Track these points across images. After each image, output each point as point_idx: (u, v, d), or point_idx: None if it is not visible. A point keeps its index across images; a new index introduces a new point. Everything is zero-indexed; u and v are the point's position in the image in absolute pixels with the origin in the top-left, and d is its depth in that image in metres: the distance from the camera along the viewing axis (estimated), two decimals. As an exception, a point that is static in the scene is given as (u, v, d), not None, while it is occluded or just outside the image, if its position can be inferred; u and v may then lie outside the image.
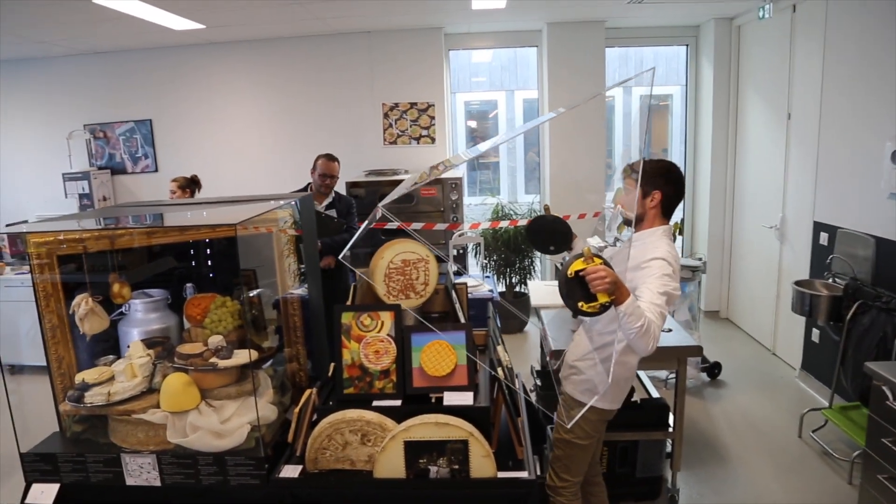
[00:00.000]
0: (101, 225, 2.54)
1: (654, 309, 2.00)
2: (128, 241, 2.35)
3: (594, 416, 2.31)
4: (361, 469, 1.98)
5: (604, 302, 1.93)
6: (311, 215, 2.71)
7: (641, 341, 1.96)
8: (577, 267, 1.94)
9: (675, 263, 2.16)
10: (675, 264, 2.16)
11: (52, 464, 2.06)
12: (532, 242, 2.71)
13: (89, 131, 6.32)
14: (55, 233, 2.22)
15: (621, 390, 2.37)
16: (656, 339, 1.97)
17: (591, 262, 1.93)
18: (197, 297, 2.41)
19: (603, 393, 2.25)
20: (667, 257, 2.13)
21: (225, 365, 2.11)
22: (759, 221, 5.24)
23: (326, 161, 4.35)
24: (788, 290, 4.14)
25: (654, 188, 2.23)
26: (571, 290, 1.97)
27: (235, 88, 6.18)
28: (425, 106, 5.98)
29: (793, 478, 3.36)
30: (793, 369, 4.69)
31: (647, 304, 2.01)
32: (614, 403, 2.37)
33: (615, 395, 2.35)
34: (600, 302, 1.93)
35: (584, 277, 1.92)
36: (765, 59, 5.17)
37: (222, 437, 2.02)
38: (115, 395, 2.07)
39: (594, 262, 1.93)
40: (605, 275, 1.89)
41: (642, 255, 2.17)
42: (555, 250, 2.66)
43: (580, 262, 1.94)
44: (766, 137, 5.14)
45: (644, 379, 3.71)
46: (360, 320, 2.17)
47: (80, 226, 2.57)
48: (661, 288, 2.05)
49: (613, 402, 2.36)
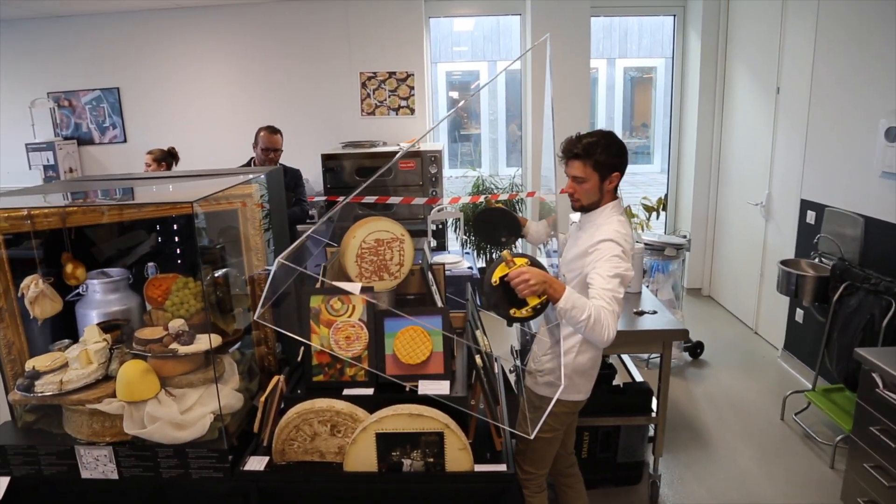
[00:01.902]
0: (48, 202, 2.36)
1: (605, 294, 1.89)
2: (80, 218, 2.18)
3: (560, 409, 2.19)
4: (331, 461, 1.89)
5: (535, 305, 1.83)
6: (279, 190, 2.56)
7: (594, 333, 1.84)
8: (500, 273, 1.84)
9: (626, 242, 2.05)
10: (626, 243, 2.04)
11: (1, 456, 1.94)
12: (482, 239, 2.61)
13: (53, 99, 6.04)
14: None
15: (588, 379, 2.26)
16: (611, 326, 1.85)
17: (512, 265, 1.82)
18: (158, 278, 2.27)
19: (565, 385, 2.14)
20: (615, 237, 2.02)
21: (186, 352, 1.98)
22: (744, 198, 5.17)
23: (268, 134, 4.13)
24: (773, 268, 4.08)
25: (612, 171, 2.12)
26: (499, 299, 1.88)
27: (207, 56, 5.93)
28: (404, 76, 5.79)
29: (775, 461, 3.32)
30: (775, 349, 4.66)
31: (598, 290, 1.90)
32: (581, 394, 2.26)
33: (582, 386, 2.24)
34: (531, 305, 1.83)
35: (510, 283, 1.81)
36: (754, 32, 5.04)
37: (183, 429, 1.90)
38: (68, 384, 1.93)
39: (516, 264, 1.82)
40: (528, 277, 1.79)
41: (590, 239, 2.07)
42: (507, 241, 2.58)
43: (503, 266, 1.84)
44: (754, 112, 5.04)
45: (627, 361, 3.64)
46: (329, 304, 2.04)
47: (31, 202, 2.39)
48: (610, 271, 1.94)
49: (580, 392, 2.25)
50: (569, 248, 2.23)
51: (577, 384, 2.21)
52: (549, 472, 2.38)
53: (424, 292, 2.40)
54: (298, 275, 2.13)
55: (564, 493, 2.55)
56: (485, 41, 15.05)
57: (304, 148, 5.44)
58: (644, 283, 3.76)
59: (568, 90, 5.65)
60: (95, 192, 2.61)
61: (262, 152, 4.13)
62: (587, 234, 2.10)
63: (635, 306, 3.10)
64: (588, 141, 2.09)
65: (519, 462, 2.28)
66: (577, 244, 2.14)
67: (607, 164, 2.09)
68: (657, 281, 4.33)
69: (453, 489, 1.80)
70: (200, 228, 2.54)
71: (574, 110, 5.71)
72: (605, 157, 2.09)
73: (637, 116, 17.46)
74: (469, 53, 15.04)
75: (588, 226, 2.15)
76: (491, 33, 14.58)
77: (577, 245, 2.13)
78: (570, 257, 2.17)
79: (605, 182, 2.12)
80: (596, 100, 16.06)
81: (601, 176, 2.10)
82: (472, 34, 14.55)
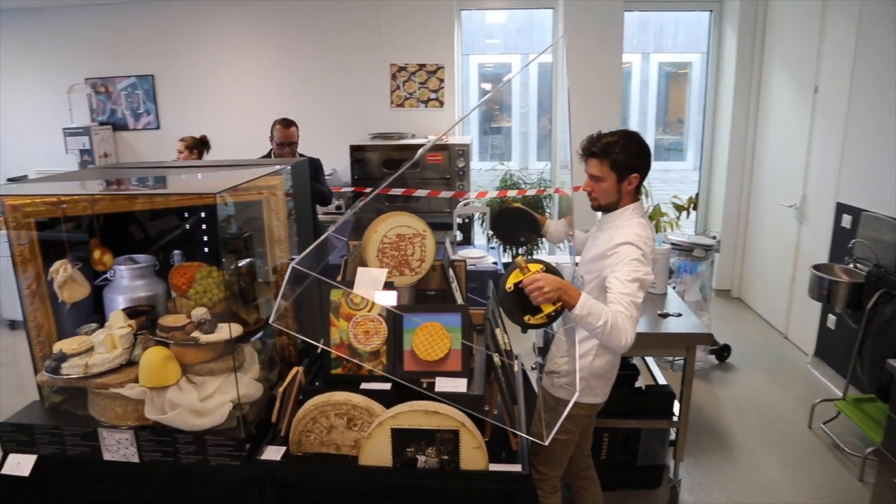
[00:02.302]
0: (82, 189, 2.40)
1: (623, 299, 1.86)
2: (108, 205, 2.22)
3: (576, 412, 2.16)
4: (347, 454, 1.90)
5: (550, 312, 1.80)
6: (304, 181, 2.57)
7: (612, 339, 1.82)
8: (514, 279, 1.82)
9: (646, 245, 2.00)
10: (646, 246, 1.99)
11: (28, 435, 1.99)
12: (502, 239, 2.58)
13: (90, 85, 6.16)
14: (31, 196, 2.10)
15: (605, 382, 2.23)
16: (629, 332, 1.82)
17: (527, 271, 1.79)
18: (182, 266, 2.29)
19: (582, 388, 2.12)
20: (634, 241, 1.97)
21: (207, 340, 2.00)
22: (777, 199, 5.04)
23: (282, 128, 4.09)
24: (805, 272, 3.98)
25: (631, 171, 2.07)
26: (513, 305, 1.85)
27: (240, 46, 5.99)
28: (434, 68, 5.77)
29: (800, 471, 3.25)
30: (805, 355, 4.55)
31: (616, 294, 1.87)
32: (598, 397, 2.23)
33: (599, 389, 2.21)
34: (546, 312, 1.80)
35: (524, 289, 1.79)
36: (793, 29, 4.91)
37: (202, 416, 1.93)
38: (93, 368, 1.97)
39: (530, 270, 1.79)
40: (542, 284, 1.76)
41: (608, 241, 2.03)
42: (525, 240, 2.56)
43: (517, 273, 1.81)
44: (790, 111, 4.91)
45: (650, 363, 3.59)
46: (350, 298, 2.05)
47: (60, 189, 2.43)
48: (629, 275, 1.90)
49: (597, 395, 2.22)
50: (588, 249, 2.19)
51: (593, 387, 2.18)
52: (564, 473, 2.36)
53: (445, 288, 2.39)
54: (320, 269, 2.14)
55: (580, 495, 2.53)
56: (518, 34, 14.94)
57: (333, 138, 5.47)
58: (671, 284, 3.70)
59: (599, 85, 5.58)
60: (127, 180, 2.65)
61: (277, 147, 4.12)
62: (606, 236, 2.07)
63: (660, 308, 3.05)
64: (608, 140, 2.05)
65: (533, 462, 2.26)
66: (596, 245, 2.11)
67: (626, 165, 2.05)
68: (684, 282, 4.26)
69: (467, 487, 1.79)
70: (230, 216, 2.57)
71: (605, 105, 5.64)
72: (624, 158, 2.04)
73: (671, 112, 17.18)
74: (501, 46, 14.94)
75: (608, 227, 2.11)
76: (524, 26, 14.46)
77: (596, 246, 2.10)
78: (589, 258, 2.14)
79: (623, 183, 2.07)
80: (629, 95, 15.84)
81: (619, 176, 2.06)
82: (504, 27, 14.44)
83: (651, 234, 2.07)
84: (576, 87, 5.57)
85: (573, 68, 5.60)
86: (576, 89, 5.59)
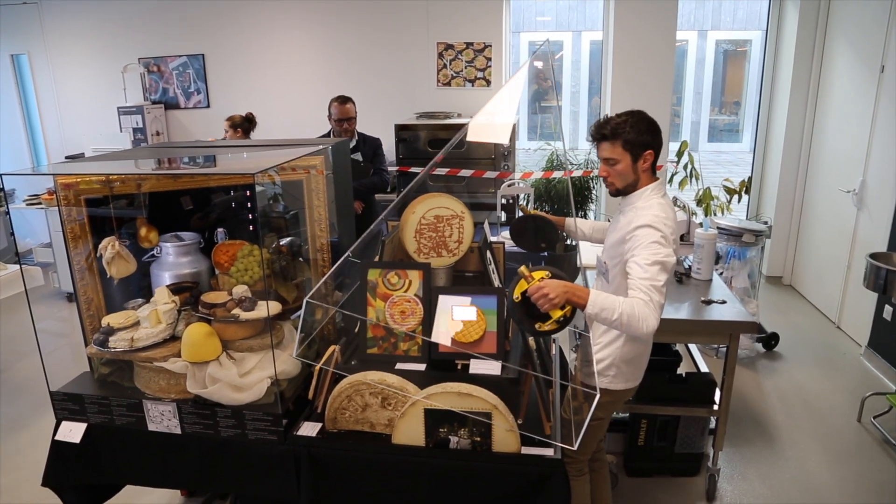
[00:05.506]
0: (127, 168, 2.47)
1: (642, 285, 1.81)
2: (155, 184, 2.28)
3: (608, 399, 2.14)
4: (381, 433, 1.92)
5: (559, 317, 1.77)
6: (345, 160, 2.58)
7: (632, 329, 1.78)
8: (520, 289, 1.79)
9: (665, 227, 1.93)
10: (666, 227, 1.93)
11: (79, 404, 2.08)
12: (523, 247, 2.52)
13: (143, 65, 6.32)
14: (82, 175, 2.17)
15: (636, 367, 2.19)
16: (648, 318, 1.77)
17: (531, 280, 1.76)
18: (225, 244, 2.35)
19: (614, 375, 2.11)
20: (653, 222, 1.91)
21: (247, 317, 2.05)
22: (835, 184, 4.84)
23: (339, 105, 4.16)
24: (861, 261, 3.82)
25: (645, 148, 2.02)
26: (523, 315, 1.82)
27: (287, 24, 6.03)
28: (481, 46, 5.70)
29: (847, 466, 3.14)
30: (858, 346, 4.39)
31: (636, 280, 1.83)
32: (630, 382, 2.19)
33: (630, 374, 2.17)
34: (555, 318, 1.77)
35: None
36: (859, 5, 4.66)
37: (241, 391, 1.97)
38: (138, 342, 2.04)
39: (534, 279, 1.76)
40: (547, 291, 1.72)
41: (628, 225, 1.98)
42: (546, 246, 2.49)
43: (522, 283, 1.79)
44: (853, 91, 4.68)
45: (693, 351, 3.51)
46: (386, 278, 2.06)
47: (107, 168, 2.51)
48: (648, 259, 1.85)
49: (629, 380, 2.19)
50: (609, 234, 2.15)
51: (623, 373, 2.15)
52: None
53: (482, 270, 2.39)
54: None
55: (590, 477, 2.51)
56: (570, 11, 14.65)
57: (379, 117, 5.48)
58: (717, 269, 3.60)
59: (651, 63, 5.42)
60: (174, 159, 2.71)
61: (335, 123, 4.19)
62: (626, 219, 2.02)
63: (704, 295, 2.98)
64: (617, 121, 2.02)
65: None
66: (617, 229, 2.06)
67: (638, 143, 2.00)
68: (732, 268, 4.14)
69: (499, 469, 1.79)
70: (278, 195, 2.61)
71: (656, 85, 5.48)
72: (635, 135, 1.99)
73: (728, 93, 16.62)
74: (553, 23, 14.68)
75: (628, 209, 2.06)
76: (576, 3, 14.16)
77: (617, 230, 2.05)
78: (610, 243, 2.09)
79: (638, 161, 2.02)
80: (683, 74, 15.37)
81: (633, 155, 2.01)
82: (556, 4, 14.18)
83: (673, 213, 2.01)
84: (625, 65, 5.43)
85: (623, 46, 5.46)
86: (625, 67, 5.45)
